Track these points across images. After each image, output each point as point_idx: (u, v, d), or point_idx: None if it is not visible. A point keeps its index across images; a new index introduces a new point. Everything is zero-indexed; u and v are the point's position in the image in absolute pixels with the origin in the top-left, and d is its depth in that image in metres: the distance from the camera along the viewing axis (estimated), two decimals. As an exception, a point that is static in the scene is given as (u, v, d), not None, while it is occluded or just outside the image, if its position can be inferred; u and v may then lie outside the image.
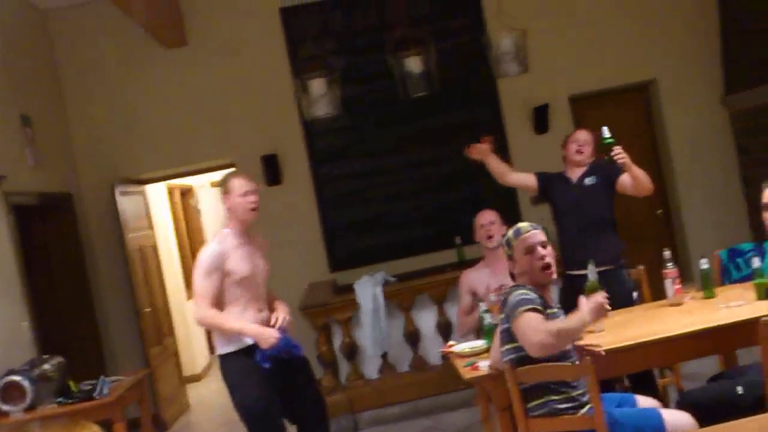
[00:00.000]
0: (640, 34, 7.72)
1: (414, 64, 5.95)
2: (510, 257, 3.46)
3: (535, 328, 3.12)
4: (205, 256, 4.16)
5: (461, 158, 7.61)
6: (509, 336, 3.28)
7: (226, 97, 7.45)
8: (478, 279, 4.73)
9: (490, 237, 4.80)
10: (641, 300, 4.89)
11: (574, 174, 4.92)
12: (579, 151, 4.91)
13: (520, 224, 3.49)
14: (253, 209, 4.22)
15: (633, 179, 4.60)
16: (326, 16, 7.41)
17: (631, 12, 7.73)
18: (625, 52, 7.70)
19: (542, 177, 5.04)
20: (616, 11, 7.72)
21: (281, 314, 4.26)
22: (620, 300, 4.64)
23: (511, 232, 3.48)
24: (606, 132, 4.46)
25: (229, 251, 4.15)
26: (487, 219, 4.85)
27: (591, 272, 3.84)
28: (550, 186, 4.98)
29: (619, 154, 4.44)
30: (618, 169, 4.69)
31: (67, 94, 7.37)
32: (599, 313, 3.19)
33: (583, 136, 4.97)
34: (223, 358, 4.22)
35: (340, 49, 7.20)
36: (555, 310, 3.39)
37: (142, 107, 7.44)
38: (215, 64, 7.45)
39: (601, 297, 3.20)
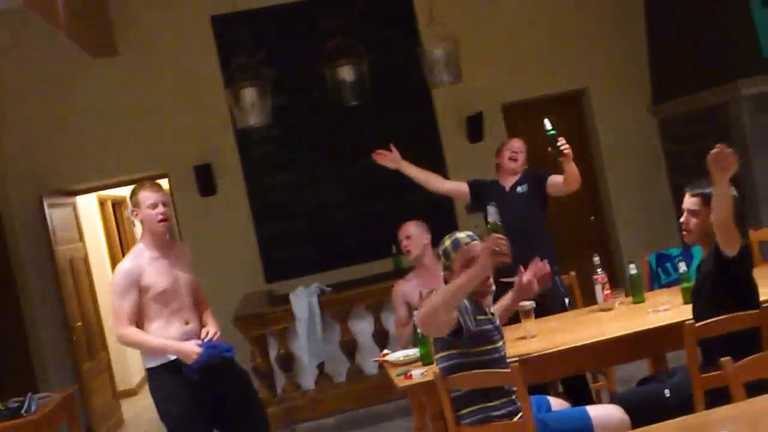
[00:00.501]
0: (572, 43, 7.87)
1: (347, 73, 5.95)
2: (447, 268, 3.41)
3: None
4: (118, 276, 4.05)
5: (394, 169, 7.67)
6: (442, 344, 3.29)
7: (158, 106, 7.35)
8: (411, 289, 4.71)
9: (408, 251, 4.75)
10: (573, 306, 4.95)
11: (507, 182, 4.97)
12: (512, 159, 4.96)
13: (458, 235, 3.44)
14: (162, 221, 4.05)
15: (567, 173, 4.64)
16: (258, 26, 7.38)
17: (563, 22, 7.88)
18: (557, 62, 7.83)
19: (474, 184, 5.07)
20: (549, 21, 7.86)
21: (211, 330, 4.14)
22: (554, 306, 4.72)
23: (449, 243, 3.43)
24: (548, 124, 4.49)
25: (144, 266, 4.03)
26: (404, 233, 4.77)
27: (491, 214, 3.65)
28: (483, 193, 5.00)
29: (564, 144, 4.48)
30: (545, 175, 4.80)
31: (-6, 104, 7.21)
32: (494, 254, 3.10)
33: (516, 144, 5.02)
34: (150, 371, 4.12)
35: (272, 59, 7.15)
36: (489, 316, 3.41)
37: (73, 117, 7.30)
38: (146, 73, 7.35)
39: (496, 237, 3.12)
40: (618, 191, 7.95)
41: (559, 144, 4.47)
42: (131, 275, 4.00)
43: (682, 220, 3.61)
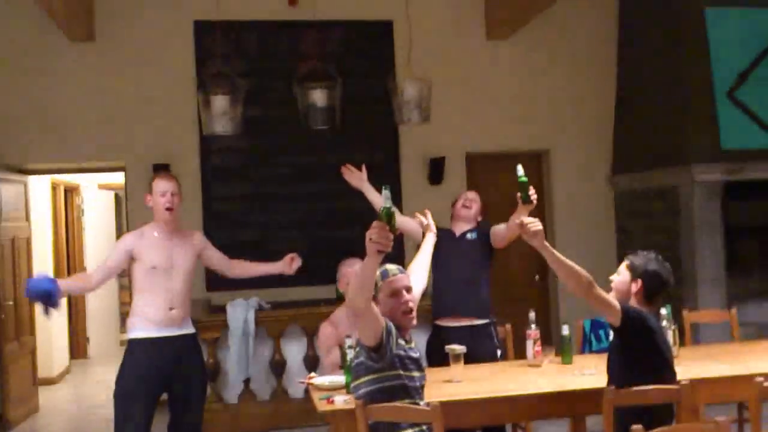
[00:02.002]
0: (542, 104, 8.05)
1: (319, 97, 5.98)
2: (374, 296, 3.46)
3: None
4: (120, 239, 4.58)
5: (353, 197, 7.71)
6: (361, 370, 3.33)
7: (125, 99, 7.34)
8: (342, 326, 4.66)
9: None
10: (504, 357, 5.02)
11: (458, 229, 5.06)
12: (465, 206, 5.07)
13: (388, 266, 3.49)
14: (167, 209, 4.39)
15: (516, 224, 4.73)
16: (240, 37, 7.43)
17: (536, 81, 8.06)
18: (524, 119, 8.00)
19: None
20: (522, 79, 8.03)
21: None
22: (486, 354, 4.79)
23: (378, 273, 3.48)
24: (520, 170, 4.56)
25: (144, 240, 4.38)
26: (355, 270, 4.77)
27: (385, 198, 3.63)
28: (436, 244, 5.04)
29: (533, 194, 4.55)
30: (488, 226, 4.96)
31: (-40, 70, 7.12)
32: (371, 242, 3.00)
33: (471, 195, 5.18)
34: (129, 342, 4.42)
35: (248, 71, 7.21)
36: (412, 344, 3.45)
37: (38, 96, 7.23)
38: (120, 64, 7.34)
39: (377, 226, 3.03)
40: (565, 255, 7.98)
41: (530, 192, 4.56)
42: (124, 243, 4.45)
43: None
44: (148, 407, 4.35)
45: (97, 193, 10.65)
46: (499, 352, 4.96)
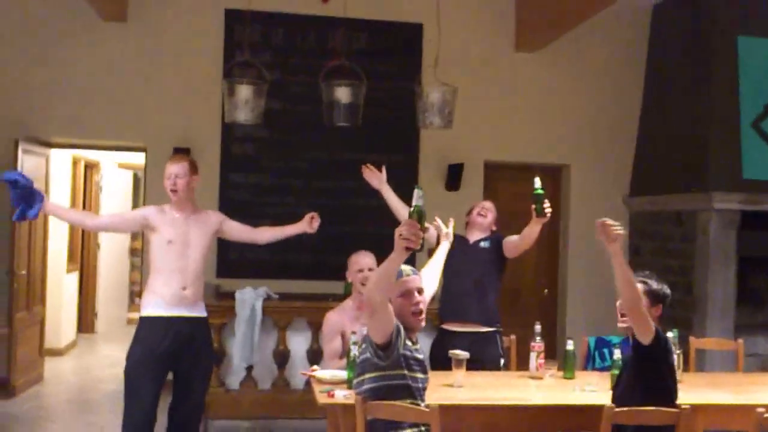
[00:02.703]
0: (565, 119, 8.05)
1: (343, 94, 6.00)
2: None
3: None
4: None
5: (368, 195, 7.74)
6: (365, 367, 3.35)
7: (152, 81, 7.41)
8: (346, 316, 4.69)
9: (363, 284, 4.62)
10: (507, 367, 5.04)
11: (473, 236, 5.10)
12: (481, 215, 5.11)
13: (402, 267, 3.48)
14: (172, 190, 4.50)
15: (531, 233, 4.75)
16: (269, 29, 7.48)
17: (561, 96, 8.06)
18: (546, 133, 8.00)
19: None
20: (547, 92, 8.04)
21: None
22: (489, 363, 4.82)
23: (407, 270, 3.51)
24: (537, 182, 4.62)
25: (164, 216, 4.51)
26: (367, 264, 4.74)
27: (417, 197, 3.45)
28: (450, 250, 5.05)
29: (548, 207, 4.61)
30: (502, 236, 5.02)
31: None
32: (401, 239, 3.01)
33: (488, 204, 5.25)
34: (141, 319, 4.50)
35: (275, 63, 7.28)
36: (418, 346, 3.47)
37: (65, 71, 7.31)
38: (149, 46, 7.41)
39: (409, 223, 3.05)
40: (576, 271, 8.08)
41: (544, 205, 4.59)
42: (143, 209, 4.71)
43: (618, 305, 3.74)
44: (155, 385, 4.42)
45: (116, 172, 10.74)
46: (502, 361, 4.98)
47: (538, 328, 4.61)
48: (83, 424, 6.03)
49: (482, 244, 5.06)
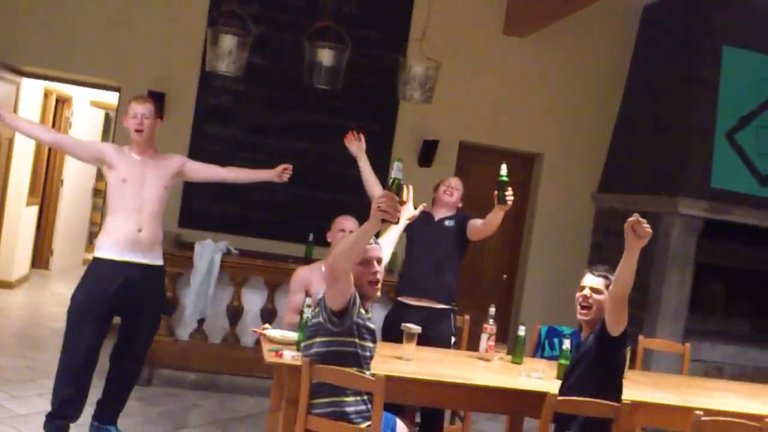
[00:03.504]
0: (544, 108, 8.06)
1: (326, 56, 5.97)
2: None
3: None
4: None
5: (340, 161, 7.71)
6: (317, 331, 3.35)
7: (134, 21, 7.29)
8: (314, 277, 4.75)
9: None
10: (457, 346, 5.07)
11: (438, 214, 5.09)
12: (447, 193, 5.09)
13: None
14: (137, 130, 4.38)
15: (494, 219, 4.76)
16: (259, -20, 7.38)
17: (543, 84, 8.07)
18: (524, 120, 8.02)
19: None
20: (529, 79, 8.04)
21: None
22: (441, 339, 4.84)
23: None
24: (504, 170, 4.62)
25: (121, 155, 4.39)
26: (350, 227, 4.72)
27: (397, 170, 3.49)
28: (413, 224, 5.05)
29: (510, 195, 4.60)
30: (467, 217, 4.99)
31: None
32: (380, 210, 2.99)
33: (454, 182, 5.18)
34: (93, 259, 4.38)
35: (261, 17, 7.18)
36: (370, 315, 3.47)
37: (46, 1, 7.15)
38: (136, -14, 7.29)
39: (388, 195, 3.02)
40: (537, 259, 8.14)
41: (506, 193, 4.59)
42: (102, 143, 4.62)
43: (583, 294, 3.74)
44: (99, 328, 4.32)
45: (88, 109, 10.56)
46: (453, 339, 5.00)
47: (492, 310, 4.63)
48: (24, 359, 5.97)
49: (447, 222, 5.05)
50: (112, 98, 8.25)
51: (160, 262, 4.53)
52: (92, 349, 4.32)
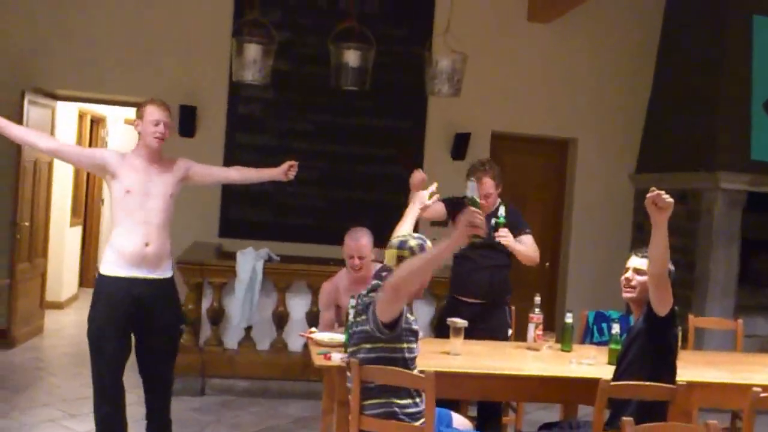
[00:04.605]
0: (574, 92, 7.99)
1: (352, 57, 5.97)
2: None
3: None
4: None
5: (374, 161, 7.73)
6: (363, 338, 3.34)
7: (160, 37, 7.35)
8: (340, 285, 4.62)
9: (357, 269, 4.45)
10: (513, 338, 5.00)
11: (483, 210, 4.90)
12: (482, 201, 4.72)
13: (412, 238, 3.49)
14: (158, 138, 4.15)
15: (518, 255, 4.71)
16: (280, -14, 7.42)
17: (572, 69, 7.99)
18: (555, 106, 7.95)
19: (449, 203, 4.95)
20: (558, 64, 7.97)
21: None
22: (499, 333, 4.78)
23: (415, 244, 3.46)
24: (502, 211, 4.55)
25: (124, 162, 4.15)
26: (358, 252, 4.43)
27: (470, 189, 3.74)
28: (458, 215, 4.92)
29: (503, 236, 4.53)
30: (521, 227, 4.79)
31: (0, -9, 7.17)
32: (470, 226, 3.12)
33: (487, 185, 4.81)
34: (99, 276, 4.20)
35: (284, 23, 7.21)
36: (414, 317, 3.47)
37: (72, 23, 7.26)
38: (159, 1, 7.34)
39: (473, 211, 3.17)
40: (579, 245, 8.07)
41: (497, 234, 4.52)
42: (103, 149, 4.27)
43: (626, 276, 3.70)
44: (118, 345, 4.18)
45: (122, 128, 10.69)
46: (510, 331, 4.92)
47: (537, 299, 4.59)
48: (80, 377, 6.06)
49: (492, 221, 4.72)
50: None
51: (169, 274, 4.31)
52: (117, 367, 4.22)
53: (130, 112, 9.80)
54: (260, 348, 6.18)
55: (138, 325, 4.19)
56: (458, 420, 3.72)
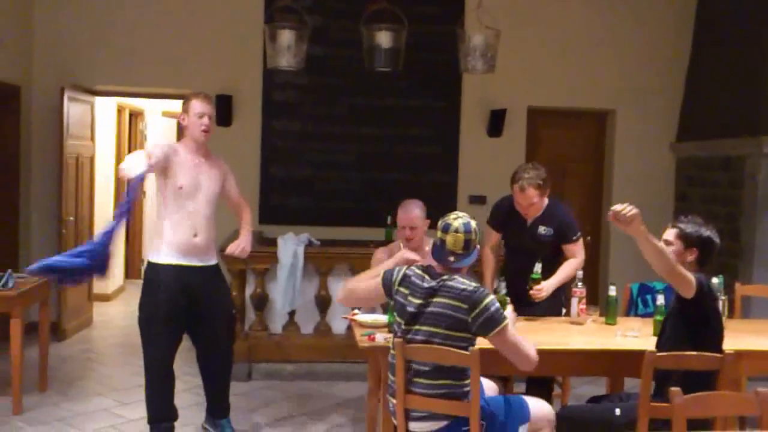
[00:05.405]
0: (611, 63, 7.88)
1: (384, 38, 5.96)
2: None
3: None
4: None
5: (410, 141, 7.71)
6: (448, 323, 3.31)
7: (194, 27, 7.41)
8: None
9: (408, 240, 4.49)
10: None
11: (529, 216, 4.73)
12: (524, 211, 4.71)
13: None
14: (205, 131, 4.35)
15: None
16: (310, -28, 7.41)
17: (607, 40, 7.88)
18: (592, 77, 7.85)
19: (496, 223, 4.89)
20: (592, 36, 7.86)
21: (241, 241, 4.52)
22: (552, 308, 4.70)
23: (475, 224, 3.44)
24: (537, 268, 4.49)
25: (177, 157, 4.29)
26: (409, 223, 4.48)
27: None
28: (504, 226, 4.85)
29: (538, 293, 4.46)
30: (570, 235, 4.70)
31: (37, -12, 7.27)
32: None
33: (529, 193, 4.59)
34: (149, 265, 4.41)
35: (315, 8, 7.22)
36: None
37: (110, 20, 7.36)
38: (191, -8, 7.41)
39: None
40: (620, 217, 7.97)
41: (534, 289, 4.45)
42: (163, 147, 4.26)
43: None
44: (171, 330, 4.36)
45: (160, 120, 10.80)
46: (563, 311, 4.82)
47: (580, 273, 4.57)
48: (130, 366, 6.17)
49: (541, 229, 4.69)
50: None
51: (215, 261, 4.53)
52: (168, 353, 4.39)
53: (168, 105, 9.94)
54: (304, 332, 6.24)
55: (191, 312, 4.37)
56: (487, 385, 3.72)
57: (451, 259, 3.37)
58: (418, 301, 3.35)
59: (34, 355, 5.63)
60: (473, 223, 3.44)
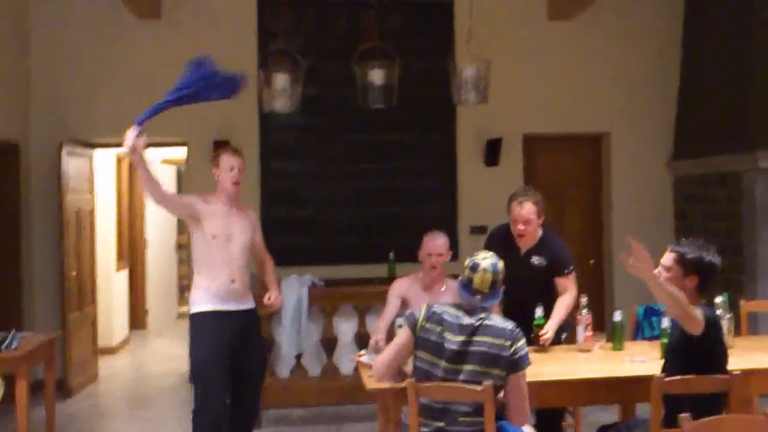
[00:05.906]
0: (603, 86, 7.92)
1: (377, 76, 6.02)
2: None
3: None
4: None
5: (408, 175, 7.72)
6: (492, 361, 3.34)
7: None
8: (412, 288, 4.70)
9: (433, 268, 4.61)
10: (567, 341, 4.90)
11: (523, 245, 4.74)
12: (520, 234, 4.68)
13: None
14: (235, 183, 4.59)
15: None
16: (301, 14, 7.49)
17: (598, 63, 7.93)
18: (584, 101, 7.89)
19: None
20: (583, 60, 7.91)
21: (272, 293, 4.76)
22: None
23: (502, 265, 3.51)
24: (539, 312, 4.50)
25: (208, 207, 4.55)
26: (437, 250, 4.62)
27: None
28: (498, 255, 4.82)
29: (544, 336, 4.45)
30: (562, 268, 4.71)
31: (33, 46, 7.35)
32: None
33: (525, 211, 4.61)
34: (194, 315, 4.55)
35: (308, 49, 7.27)
36: None
37: (105, 72, 7.41)
38: (184, 41, 7.42)
39: None
40: (622, 239, 7.90)
41: (540, 334, 4.44)
42: (191, 198, 4.66)
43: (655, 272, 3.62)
44: (225, 376, 4.46)
45: (160, 168, 10.85)
46: (564, 335, 4.78)
47: (584, 300, 4.56)
48: (139, 419, 6.14)
49: (534, 259, 4.71)
50: (180, 153, 8.47)
51: (253, 305, 4.73)
52: (224, 399, 4.47)
53: (167, 152, 10.00)
54: (312, 374, 6.21)
55: (236, 354, 4.50)
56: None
57: (478, 297, 3.41)
58: (460, 338, 3.34)
59: (41, 414, 5.58)
60: (500, 264, 3.49)
